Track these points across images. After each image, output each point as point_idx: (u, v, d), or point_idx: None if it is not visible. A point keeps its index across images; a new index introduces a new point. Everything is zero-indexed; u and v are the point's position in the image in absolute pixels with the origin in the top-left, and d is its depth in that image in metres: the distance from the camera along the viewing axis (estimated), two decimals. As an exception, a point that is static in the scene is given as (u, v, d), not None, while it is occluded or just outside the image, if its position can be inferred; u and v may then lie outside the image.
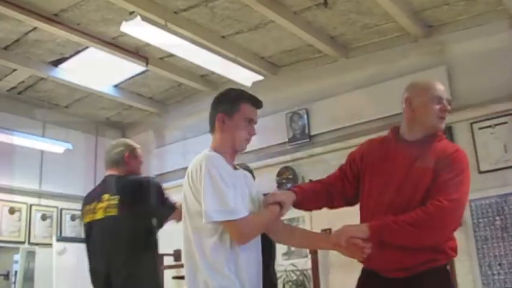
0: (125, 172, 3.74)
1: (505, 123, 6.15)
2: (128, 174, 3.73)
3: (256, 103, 2.79)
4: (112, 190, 3.60)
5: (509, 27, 6.37)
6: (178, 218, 3.62)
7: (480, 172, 6.22)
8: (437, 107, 2.85)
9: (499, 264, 5.90)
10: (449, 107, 2.89)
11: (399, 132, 2.98)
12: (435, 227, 2.58)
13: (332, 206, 3.04)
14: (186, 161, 8.29)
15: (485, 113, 6.33)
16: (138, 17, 5.12)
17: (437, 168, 2.68)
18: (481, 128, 6.36)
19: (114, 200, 3.55)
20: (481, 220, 6.12)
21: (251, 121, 2.75)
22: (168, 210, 3.64)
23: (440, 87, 2.91)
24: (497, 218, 6.03)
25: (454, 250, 2.75)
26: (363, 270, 2.89)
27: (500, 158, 6.17)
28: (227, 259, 2.47)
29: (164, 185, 8.28)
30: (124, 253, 3.47)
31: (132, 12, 5.40)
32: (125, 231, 3.51)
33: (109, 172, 3.78)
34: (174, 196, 3.97)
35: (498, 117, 6.19)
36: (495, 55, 6.43)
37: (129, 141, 3.97)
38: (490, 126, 6.27)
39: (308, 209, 3.09)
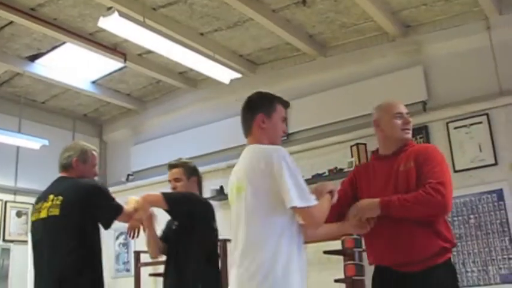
0: (75, 176, 3.78)
1: (480, 123, 6.22)
2: (78, 177, 3.77)
3: (286, 104, 3.05)
4: (57, 191, 3.66)
5: (485, 28, 6.44)
6: (127, 219, 3.76)
7: (455, 171, 6.29)
8: (399, 121, 3.24)
9: (473, 262, 5.97)
10: (410, 119, 3.29)
11: (378, 152, 3.36)
12: (434, 203, 2.86)
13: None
14: (165, 158, 8.25)
15: (460, 112, 6.39)
16: (116, 13, 5.08)
17: (418, 164, 3.02)
18: (456, 128, 6.42)
19: (58, 200, 3.60)
20: (455, 218, 6.19)
21: (284, 120, 3.01)
22: (112, 213, 3.66)
23: (399, 104, 3.35)
24: (471, 216, 6.10)
25: (453, 244, 3.04)
26: (376, 268, 3.16)
27: (475, 158, 6.23)
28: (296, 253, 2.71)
29: (143, 182, 8.27)
30: (62, 252, 3.51)
31: (109, 8, 5.37)
32: (65, 231, 3.55)
33: (60, 174, 3.86)
34: (154, 191, 4.00)
35: (473, 117, 6.27)
36: (471, 56, 6.51)
37: (81, 145, 3.95)
38: (465, 126, 6.34)
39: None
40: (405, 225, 2.93)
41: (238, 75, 7.40)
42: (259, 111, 2.92)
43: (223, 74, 7.18)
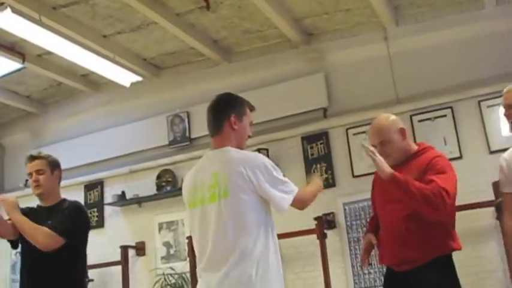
0: None
1: (378, 129, 6.41)
2: None
3: (253, 108, 3.12)
4: None
5: (383, 38, 6.69)
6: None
7: (354, 176, 6.48)
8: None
9: (370, 264, 6.11)
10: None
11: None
12: (434, 206, 3.03)
13: None
14: (66, 163, 8.06)
15: (359, 119, 6.57)
16: (9, 9, 4.89)
17: (421, 174, 3.19)
18: (355, 134, 6.60)
19: None
20: (354, 222, 6.35)
21: (251, 123, 3.09)
22: None
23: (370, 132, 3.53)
24: (368, 220, 6.25)
25: (456, 243, 3.23)
26: (387, 268, 3.44)
27: (372, 163, 6.39)
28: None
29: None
30: None
31: (1, 4, 5.15)
32: None
33: None
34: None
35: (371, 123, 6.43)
36: (370, 64, 6.74)
37: None
38: (364, 132, 6.51)
39: None
40: (401, 232, 3.18)
41: (139, 78, 7.32)
42: (232, 112, 2.96)
43: (124, 77, 7.08)
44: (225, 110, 2.97)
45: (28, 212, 3.66)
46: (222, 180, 2.78)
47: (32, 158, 3.74)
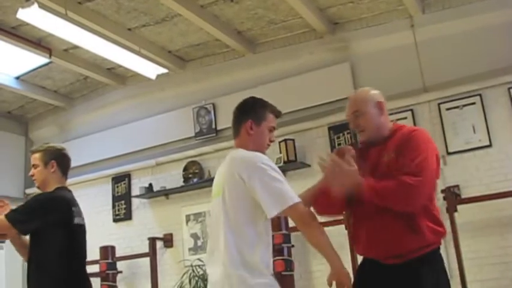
0: None
1: (405, 118, 6.34)
2: None
3: (278, 113, 3.11)
4: None
5: (409, 26, 6.60)
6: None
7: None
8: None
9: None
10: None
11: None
12: (400, 199, 2.79)
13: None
14: (93, 156, 8.12)
15: (387, 108, 6.49)
16: (36, 4, 4.94)
17: (399, 155, 2.90)
18: (382, 123, 6.52)
19: None
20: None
21: (272, 129, 3.08)
22: None
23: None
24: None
25: (441, 235, 2.93)
26: (364, 259, 3.09)
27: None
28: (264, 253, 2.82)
29: (69, 181, 8.04)
30: None
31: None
32: None
33: None
34: (79, 190, 3.89)
35: (398, 112, 6.37)
36: (396, 53, 6.66)
37: None
38: (391, 121, 6.44)
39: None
40: (383, 219, 2.88)
41: (165, 70, 7.34)
42: (249, 117, 3.00)
43: (150, 69, 7.12)
44: (243, 114, 3.04)
45: None
46: (222, 178, 2.92)
47: (31, 152, 3.83)
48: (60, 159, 3.77)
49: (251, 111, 3.04)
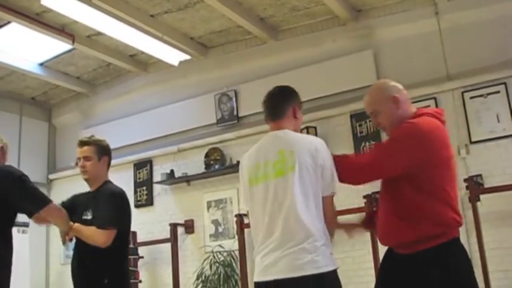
0: None
1: (428, 106, 6.27)
2: None
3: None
4: None
5: (433, 14, 6.52)
6: (53, 220, 3.60)
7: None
8: None
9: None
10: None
11: None
12: (350, 172, 2.96)
13: None
14: (115, 142, 8.15)
15: (409, 96, 6.44)
16: (60, -9, 4.96)
17: None
18: (405, 111, 6.48)
19: None
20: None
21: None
22: (32, 206, 3.45)
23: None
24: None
25: (454, 227, 2.85)
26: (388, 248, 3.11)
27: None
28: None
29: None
30: None
31: (53, -14, 5.23)
32: None
33: None
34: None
35: (421, 100, 6.30)
36: (420, 40, 6.60)
37: None
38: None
39: None
40: (385, 206, 2.97)
41: (187, 57, 7.35)
42: (296, 101, 3.12)
43: (173, 56, 7.12)
44: (290, 98, 3.11)
45: (75, 200, 3.84)
46: (289, 156, 2.85)
47: (82, 143, 3.79)
48: (110, 155, 3.88)
49: (296, 97, 3.14)
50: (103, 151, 3.80)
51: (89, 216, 3.63)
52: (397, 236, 2.89)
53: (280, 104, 3.07)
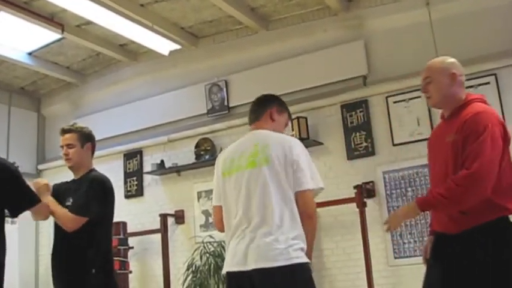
0: None
1: (419, 97, 6.27)
2: None
3: (290, 116, 3.51)
4: None
5: (424, 4, 6.50)
6: (41, 217, 3.66)
7: (394, 145, 6.41)
8: None
9: (410, 234, 6.09)
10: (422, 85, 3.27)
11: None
12: (463, 193, 2.82)
13: None
14: (105, 132, 8.10)
15: (400, 87, 6.47)
16: (49, -21, 4.91)
17: (458, 139, 2.96)
18: (395, 102, 6.50)
19: None
20: (393, 191, 6.29)
21: (286, 125, 3.41)
22: (26, 203, 3.47)
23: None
24: (409, 189, 6.21)
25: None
26: (433, 233, 3.21)
27: (413, 131, 6.33)
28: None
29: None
30: None
31: (42, -26, 5.18)
32: None
33: None
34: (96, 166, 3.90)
35: (412, 91, 6.32)
36: (411, 31, 6.58)
37: None
38: (404, 100, 6.43)
39: None
40: None
41: (178, 47, 7.31)
42: (273, 105, 3.31)
43: (163, 45, 7.09)
44: (267, 103, 3.33)
45: (60, 187, 3.84)
46: (263, 150, 3.00)
47: (64, 131, 3.81)
48: (94, 142, 3.90)
49: (274, 100, 3.35)
50: (86, 138, 3.82)
51: (70, 202, 3.65)
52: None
53: (257, 109, 3.32)
